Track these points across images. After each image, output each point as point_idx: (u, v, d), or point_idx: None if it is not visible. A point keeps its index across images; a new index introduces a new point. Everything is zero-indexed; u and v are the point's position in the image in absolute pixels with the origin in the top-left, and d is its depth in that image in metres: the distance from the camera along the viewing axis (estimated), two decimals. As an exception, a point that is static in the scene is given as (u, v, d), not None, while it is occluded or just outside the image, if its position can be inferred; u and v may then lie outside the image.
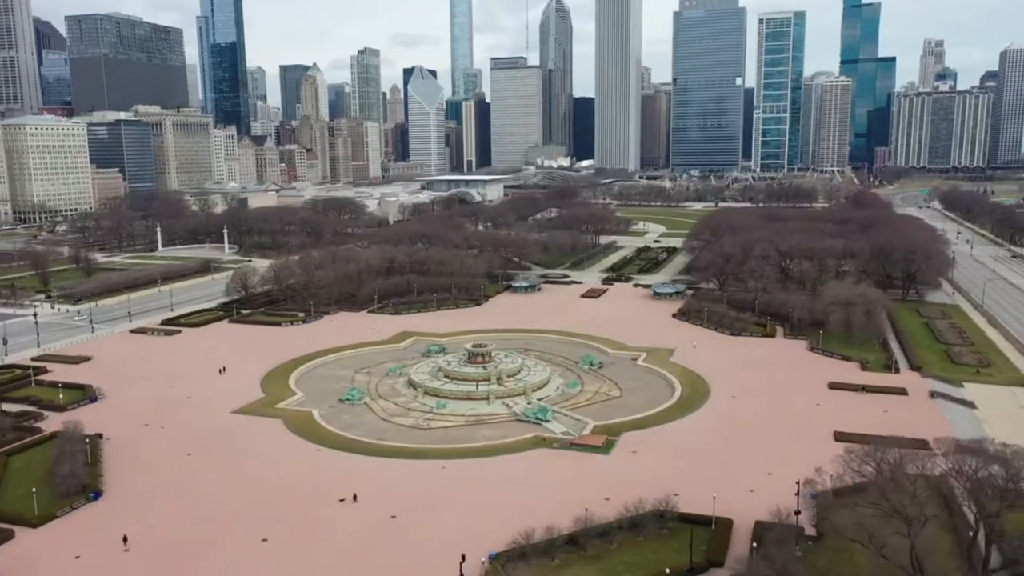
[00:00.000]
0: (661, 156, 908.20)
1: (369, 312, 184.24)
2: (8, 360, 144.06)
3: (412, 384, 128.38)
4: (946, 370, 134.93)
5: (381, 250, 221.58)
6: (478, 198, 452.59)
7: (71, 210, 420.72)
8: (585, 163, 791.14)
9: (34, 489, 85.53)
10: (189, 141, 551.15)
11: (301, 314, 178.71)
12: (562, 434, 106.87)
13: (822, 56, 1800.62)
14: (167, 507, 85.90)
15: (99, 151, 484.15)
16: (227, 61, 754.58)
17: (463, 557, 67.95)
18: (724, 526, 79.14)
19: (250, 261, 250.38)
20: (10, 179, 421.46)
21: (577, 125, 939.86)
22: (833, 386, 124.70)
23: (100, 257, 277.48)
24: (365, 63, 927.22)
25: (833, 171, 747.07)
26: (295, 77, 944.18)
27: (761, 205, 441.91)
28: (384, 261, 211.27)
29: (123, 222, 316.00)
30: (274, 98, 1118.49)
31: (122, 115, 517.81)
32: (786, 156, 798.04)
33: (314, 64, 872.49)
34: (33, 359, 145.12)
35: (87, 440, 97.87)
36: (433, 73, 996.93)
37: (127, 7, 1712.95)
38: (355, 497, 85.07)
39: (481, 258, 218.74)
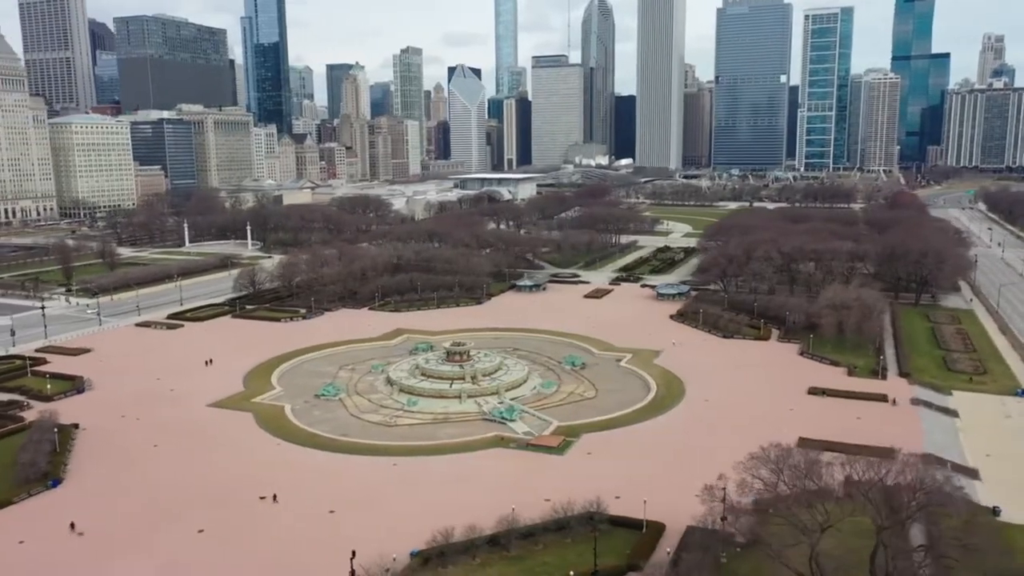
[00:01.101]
0: (704, 155, 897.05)
1: (370, 309, 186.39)
2: (13, 351, 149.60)
3: (390, 381, 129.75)
4: (938, 377, 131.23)
5: (391, 248, 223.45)
6: (508, 196, 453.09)
7: (114, 206, 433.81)
8: (624, 162, 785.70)
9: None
10: (230, 139, 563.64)
11: (303, 310, 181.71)
12: (524, 434, 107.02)
13: (872, 53, 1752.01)
14: (120, 496, 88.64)
15: (143, 149, 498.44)
16: (270, 61, 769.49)
17: (353, 553, 68.52)
18: (655, 530, 78.54)
19: (270, 257, 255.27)
20: (56, 176, 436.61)
21: (618, 123, 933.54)
22: (813, 391, 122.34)
23: (128, 252, 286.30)
24: (407, 62, 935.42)
25: (878, 171, 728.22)
26: (341, 76, 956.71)
27: (797, 205, 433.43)
28: (391, 259, 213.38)
29: (154, 218, 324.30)
30: (322, 97, 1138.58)
31: (165, 114, 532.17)
32: (831, 155, 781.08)
33: (356, 63, 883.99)
34: (37, 350, 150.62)
35: (56, 429, 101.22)
36: (478, 72, 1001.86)
37: (184, 8, 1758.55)
38: (275, 497, 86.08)
39: (488, 257, 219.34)
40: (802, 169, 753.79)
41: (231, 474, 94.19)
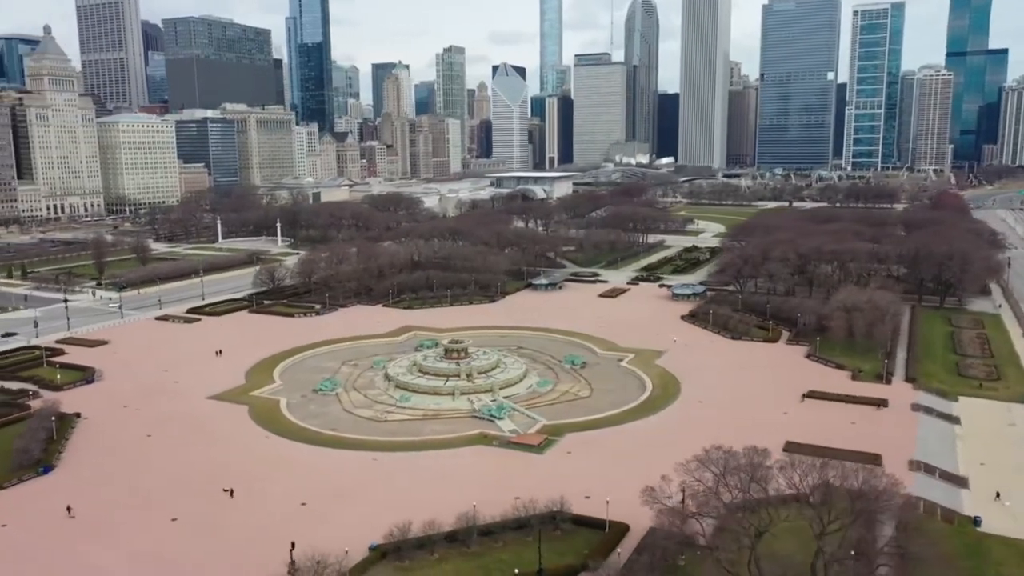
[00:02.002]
0: (749, 153, 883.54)
1: (384, 306, 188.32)
2: (35, 341, 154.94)
3: (387, 377, 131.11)
4: (946, 382, 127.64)
5: (410, 245, 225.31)
6: (542, 195, 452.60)
7: (158, 203, 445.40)
8: (665, 160, 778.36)
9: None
10: (272, 137, 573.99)
11: (317, 306, 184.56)
12: (509, 432, 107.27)
13: (924, 49, 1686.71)
14: (105, 484, 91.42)
15: (187, 147, 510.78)
16: (313, 60, 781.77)
17: (292, 544, 69.42)
18: (618, 531, 78.10)
19: (298, 253, 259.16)
20: (103, 173, 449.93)
21: (661, 122, 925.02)
22: (811, 395, 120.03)
23: (163, 248, 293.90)
24: (450, 60, 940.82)
25: (927, 170, 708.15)
26: (385, 75, 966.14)
27: (837, 206, 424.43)
28: (410, 256, 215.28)
29: (190, 215, 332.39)
30: (368, 96, 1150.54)
31: (209, 113, 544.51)
32: (879, 154, 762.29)
33: (399, 62, 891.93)
34: (57, 341, 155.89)
35: (54, 418, 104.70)
36: (522, 70, 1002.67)
37: (237, 9, 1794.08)
38: (231, 492, 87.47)
39: (506, 255, 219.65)
40: (849, 168, 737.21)
41: (214, 465, 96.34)
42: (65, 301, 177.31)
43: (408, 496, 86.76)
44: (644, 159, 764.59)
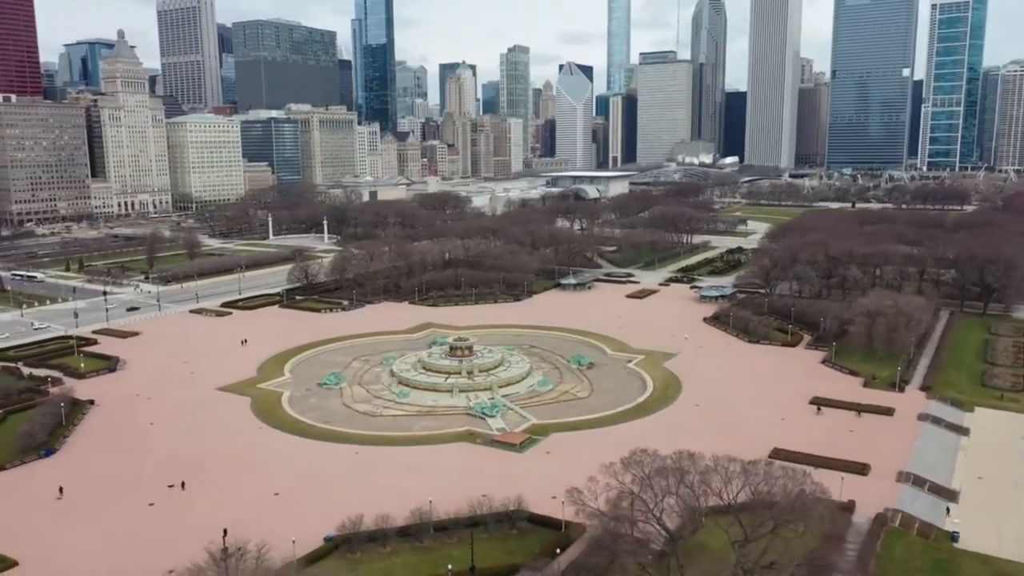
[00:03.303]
0: (820, 153, 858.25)
1: (411, 303, 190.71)
2: (73, 331, 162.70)
3: (392, 373, 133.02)
4: (965, 392, 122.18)
5: (443, 244, 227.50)
6: (594, 195, 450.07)
7: (223, 200, 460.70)
8: (728, 160, 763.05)
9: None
10: (334, 137, 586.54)
11: (345, 302, 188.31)
12: (497, 430, 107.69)
13: (1011, 44, 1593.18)
14: (98, 468, 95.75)
15: (252, 146, 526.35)
16: (378, 61, 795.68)
17: (224, 531, 71.07)
18: (576, 531, 77.55)
19: (343, 250, 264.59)
20: (171, 171, 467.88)
21: (728, 121, 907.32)
22: (815, 401, 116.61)
23: (217, 244, 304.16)
24: (514, 60, 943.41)
25: (1008, 170, 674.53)
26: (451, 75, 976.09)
27: (903, 207, 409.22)
28: (443, 254, 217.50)
29: (244, 212, 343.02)
30: (436, 96, 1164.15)
31: (274, 113, 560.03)
32: (957, 154, 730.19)
33: (463, 62, 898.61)
34: (93, 331, 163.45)
35: (63, 404, 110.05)
36: (589, 69, 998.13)
37: (309, 11, 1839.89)
38: (183, 485, 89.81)
39: (538, 255, 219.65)
40: (924, 168, 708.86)
41: (203, 453, 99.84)
42: (104, 294, 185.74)
43: (379, 490, 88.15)
44: (707, 159, 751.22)
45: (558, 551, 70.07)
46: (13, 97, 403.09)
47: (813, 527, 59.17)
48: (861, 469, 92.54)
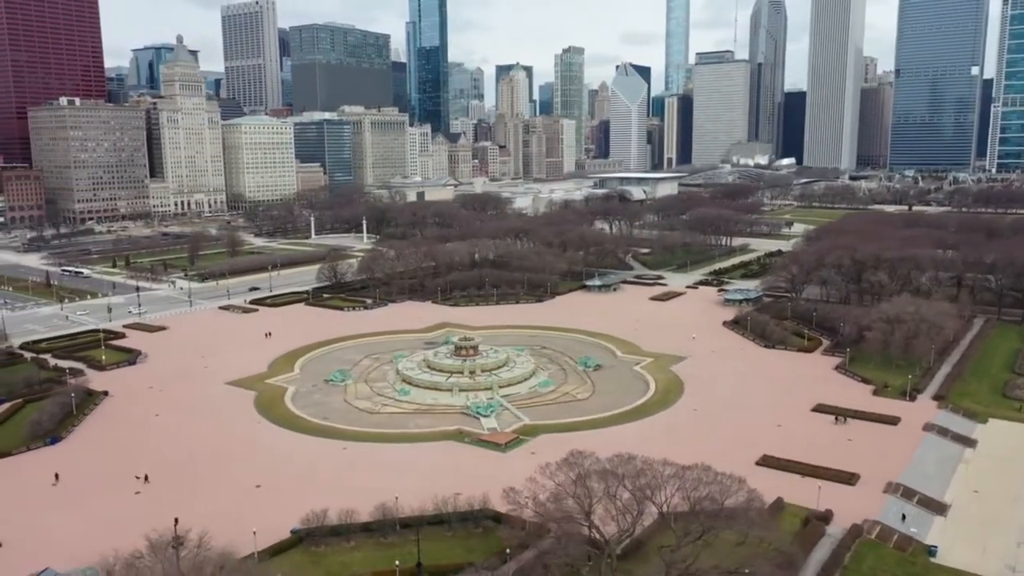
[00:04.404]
0: (883, 154, 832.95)
1: (434, 303, 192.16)
2: (104, 325, 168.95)
3: (398, 371, 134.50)
4: (981, 403, 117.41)
5: (473, 244, 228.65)
6: (640, 196, 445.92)
7: (276, 200, 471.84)
8: (785, 161, 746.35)
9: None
10: (385, 138, 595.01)
11: (368, 301, 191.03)
12: (488, 430, 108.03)
13: None
14: (97, 457, 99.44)
15: (306, 147, 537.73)
16: (431, 63, 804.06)
17: (176, 520, 72.09)
18: (533, 531, 77.21)
19: (372, 249, 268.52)
20: (226, 172, 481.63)
21: (787, 121, 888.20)
22: (819, 408, 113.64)
23: (260, 242, 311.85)
24: (568, 61, 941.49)
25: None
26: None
27: (964, 211, 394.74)
28: (469, 255, 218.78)
29: (288, 212, 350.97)
30: (492, 97, 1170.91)
31: (327, 115, 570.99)
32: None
33: (517, 63, 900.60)
34: (124, 326, 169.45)
35: (73, 395, 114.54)
36: (646, 70, 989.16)
37: (371, 14, 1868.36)
38: (146, 477, 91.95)
39: (564, 256, 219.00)
40: (993, 170, 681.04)
41: (199, 444, 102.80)
42: (137, 290, 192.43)
43: (356, 485, 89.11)
44: (763, 160, 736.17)
45: (508, 550, 69.93)
46: (77, 100, 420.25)
47: (753, 534, 57.79)
48: (849, 479, 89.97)
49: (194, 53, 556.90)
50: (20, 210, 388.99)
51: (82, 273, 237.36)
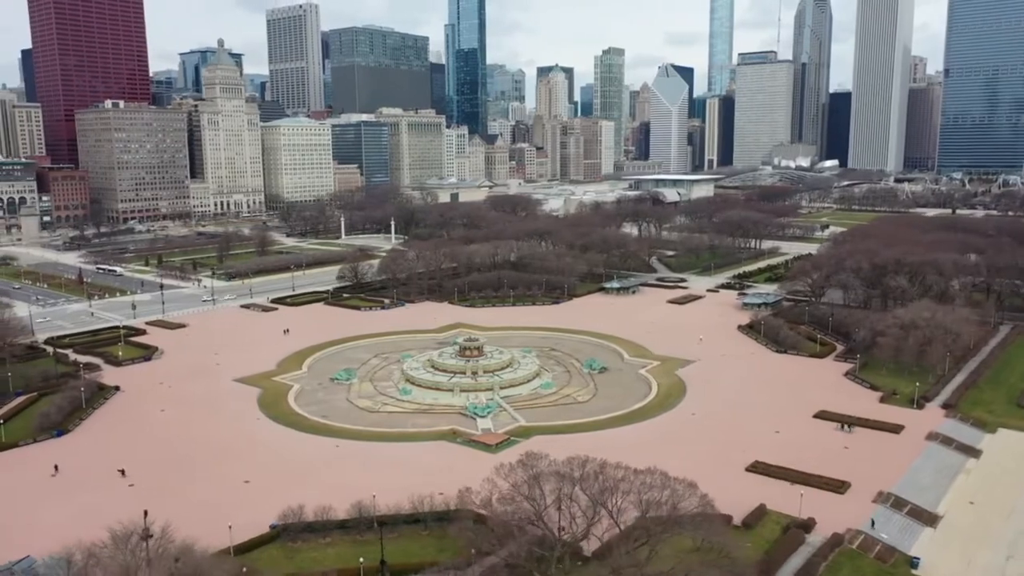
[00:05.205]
0: (931, 156, 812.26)
1: (451, 303, 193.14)
2: (127, 322, 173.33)
3: (402, 371, 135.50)
4: (994, 412, 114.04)
5: (493, 245, 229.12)
6: (674, 198, 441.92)
7: (314, 200, 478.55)
8: (828, 163, 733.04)
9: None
10: (422, 140, 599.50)
11: (385, 301, 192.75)
12: (482, 431, 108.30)
13: None
14: (98, 449, 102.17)
15: (343, 149, 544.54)
16: (469, 65, 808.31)
17: (145, 512, 73.29)
18: (507, 531, 77.27)
19: (400, 249, 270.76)
20: (265, 173, 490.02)
21: (832, 123, 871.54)
22: (820, 415, 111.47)
23: (291, 242, 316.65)
24: (608, 62, 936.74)
25: None
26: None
27: (1009, 215, 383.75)
28: (490, 256, 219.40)
29: (321, 212, 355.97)
30: (532, 99, 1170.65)
31: (364, 116, 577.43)
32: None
33: (556, 65, 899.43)
34: (146, 323, 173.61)
35: (83, 389, 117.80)
36: (689, 71, 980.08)
37: (416, 18, 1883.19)
38: (123, 472, 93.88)
39: (583, 258, 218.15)
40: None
41: (197, 439, 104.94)
42: (161, 288, 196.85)
43: (341, 482, 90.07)
44: (804, 162, 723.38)
45: (473, 551, 70.05)
46: (122, 103, 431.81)
47: (705, 540, 57.00)
48: (839, 487, 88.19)
49: (239, 56, 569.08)
50: (66, 209, 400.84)
51: (115, 271, 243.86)
